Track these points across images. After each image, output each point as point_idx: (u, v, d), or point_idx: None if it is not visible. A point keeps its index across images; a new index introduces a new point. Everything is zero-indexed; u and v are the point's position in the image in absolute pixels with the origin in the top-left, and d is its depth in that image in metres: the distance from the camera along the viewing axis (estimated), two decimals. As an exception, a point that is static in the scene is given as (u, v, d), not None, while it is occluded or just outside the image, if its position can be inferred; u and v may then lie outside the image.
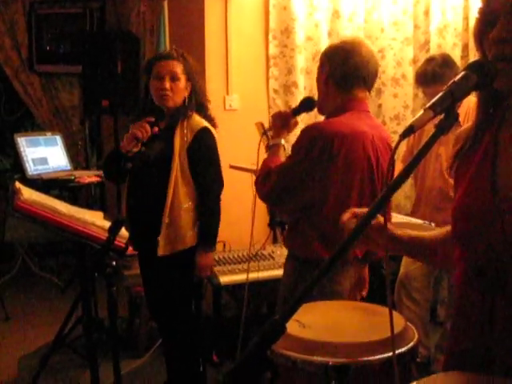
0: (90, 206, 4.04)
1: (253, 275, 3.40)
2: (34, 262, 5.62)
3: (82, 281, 2.35)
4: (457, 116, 1.07)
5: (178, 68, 2.77)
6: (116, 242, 1.82)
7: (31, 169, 3.73)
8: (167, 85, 2.73)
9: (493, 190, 1.17)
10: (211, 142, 2.82)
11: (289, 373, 1.34)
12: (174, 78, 2.75)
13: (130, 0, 5.28)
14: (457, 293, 1.27)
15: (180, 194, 2.74)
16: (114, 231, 1.75)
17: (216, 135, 2.88)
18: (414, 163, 1.02)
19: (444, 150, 3.31)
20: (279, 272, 3.41)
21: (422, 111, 1.04)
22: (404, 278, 3.50)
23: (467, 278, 1.22)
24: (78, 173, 3.87)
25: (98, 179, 3.76)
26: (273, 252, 3.68)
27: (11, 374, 3.66)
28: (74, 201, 3.15)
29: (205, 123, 2.82)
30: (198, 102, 2.85)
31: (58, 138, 4.09)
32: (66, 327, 2.09)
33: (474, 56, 3.81)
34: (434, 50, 3.95)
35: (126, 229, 1.91)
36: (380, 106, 4.21)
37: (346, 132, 2.09)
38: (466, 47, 3.87)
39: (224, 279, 3.35)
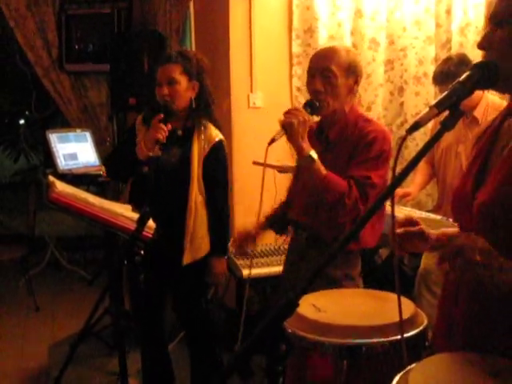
0: (116, 200, 4.15)
1: (275, 269, 3.48)
2: (62, 255, 5.78)
3: (111, 271, 2.45)
4: (461, 113, 1.15)
5: (176, 71, 2.75)
6: (144, 233, 1.92)
7: (62, 164, 3.86)
8: (165, 91, 2.74)
9: (476, 177, 1.28)
10: (225, 154, 2.90)
11: (304, 353, 1.43)
12: (172, 82, 2.75)
13: (157, 0, 5.40)
14: None
15: (198, 203, 2.81)
16: (142, 222, 1.85)
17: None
18: (419, 157, 1.10)
19: (463, 148, 3.38)
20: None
21: (427, 109, 1.12)
22: (424, 271, 3.56)
23: None
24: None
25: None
26: (295, 246, 3.75)
27: (42, 361, 3.80)
28: (101, 195, 3.26)
29: (220, 135, 2.87)
30: (205, 102, 2.84)
31: (88, 135, 4.22)
32: (93, 317, 2.20)
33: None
34: (455, 49, 3.99)
35: (153, 220, 2.01)
36: (402, 104, 4.26)
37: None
38: (487, 46, 3.89)
39: (247, 272, 3.43)
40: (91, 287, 5.00)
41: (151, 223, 1.97)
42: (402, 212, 3.44)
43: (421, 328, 1.44)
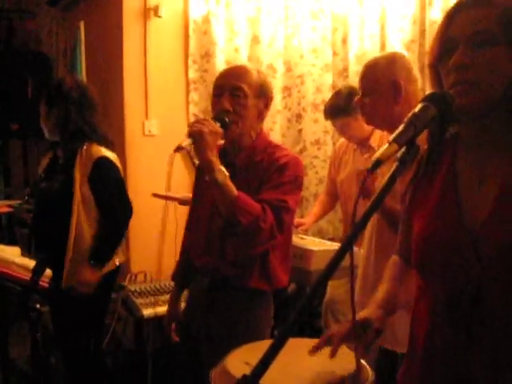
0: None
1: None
2: None
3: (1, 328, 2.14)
4: (417, 148, 1.05)
5: (44, 100, 2.83)
6: (40, 282, 1.66)
7: None
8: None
9: (460, 217, 1.18)
10: (110, 171, 2.82)
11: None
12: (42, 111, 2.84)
13: (40, 19, 5.08)
14: (422, 326, 1.26)
15: (83, 227, 2.71)
16: (38, 272, 1.60)
17: (116, 161, 2.86)
18: (380, 198, 0.98)
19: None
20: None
21: (386, 144, 1.01)
22: (330, 302, 3.50)
23: (435, 311, 1.21)
24: (-14, 203, 3.61)
25: (9, 210, 3.51)
26: (196, 281, 3.57)
27: None
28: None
29: (104, 152, 2.80)
30: (73, 129, 2.78)
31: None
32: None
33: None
34: (352, 77, 4.02)
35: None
36: (300, 131, 4.22)
37: None
38: (383, 74, 3.95)
39: (147, 312, 3.21)
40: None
41: (48, 271, 1.71)
42: (304, 241, 3.35)
43: (370, 381, 1.30)
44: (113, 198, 2.80)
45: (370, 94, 2.20)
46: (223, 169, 1.94)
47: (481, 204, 1.16)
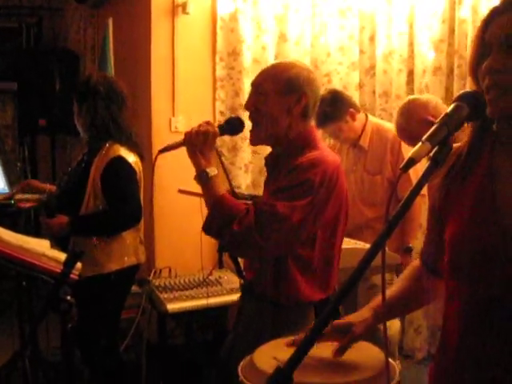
0: (27, 230, 3.83)
1: (201, 302, 3.30)
2: None
3: (32, 318, 2.18)
4: (451, 147, 1.05)
5: (75, 97, 2.88)
6: (71, 275, 1.69)
7: (-35, 192, 3.49)
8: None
9: (497, 220, 1.16)
10: (119, 169, 2.82)
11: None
12: (75, 109, 2.90)
13: (69, 16, 5.14)
14: (455, 325, 1.25)
15: None
16: (70, 264, 1.63)
17: (133, 163, 2.89)
18: (412, 196, 0.99)
19: (353, 178, 3.39)
20: (227, 298, 3.34)
21: (419, 143, 1.01)
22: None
23: (468, 312, 1.21)
24: (17, 196, 3.65)
25: (37, 204, 3.56)
26: (220, 277, 3.59)
27: None
28: (12, 226, 2.95)
29: (121, 152, 2.83)
30: (99, 126, 2.83)
31: (-5, 160, 3.87)
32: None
33: (418, 82, 3.87)
34: (379, 75, 4.01)
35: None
36: (326, 129, 4.21)
37: (338, 163, 1.99)
38: (411, 73, 3.94)
39: (171, 306, 3.23)
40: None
41: (79, 264, 1.74)
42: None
43: (394, 382, 1.31)
44: (119, 197, 2.80)
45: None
46: (211, 170, 1.90)
47: None
